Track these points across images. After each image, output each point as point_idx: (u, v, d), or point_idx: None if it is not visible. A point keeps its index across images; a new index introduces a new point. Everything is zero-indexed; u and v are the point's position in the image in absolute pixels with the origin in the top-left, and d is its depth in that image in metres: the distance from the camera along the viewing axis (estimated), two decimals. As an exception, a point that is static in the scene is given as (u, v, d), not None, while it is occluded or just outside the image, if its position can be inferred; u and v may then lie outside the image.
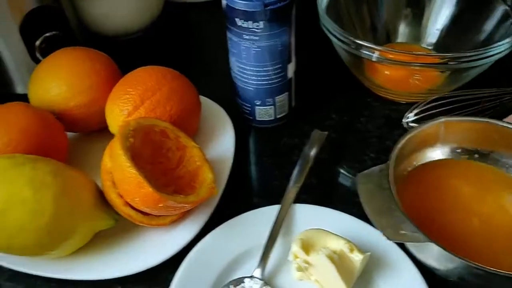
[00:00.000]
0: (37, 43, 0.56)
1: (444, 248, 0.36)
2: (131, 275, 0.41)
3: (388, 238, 0.37)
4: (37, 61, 0.56)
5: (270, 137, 0.55)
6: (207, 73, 0.64)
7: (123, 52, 0.55)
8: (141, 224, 0.42)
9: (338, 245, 0.38)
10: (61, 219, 0.39)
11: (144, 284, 0.42)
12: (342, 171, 0.51)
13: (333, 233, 0.39)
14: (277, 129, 0.55)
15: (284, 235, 0.43)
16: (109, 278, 0.41)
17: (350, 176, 0.50)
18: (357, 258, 0.37)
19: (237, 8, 0.46)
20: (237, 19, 0.46)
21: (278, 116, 0.55)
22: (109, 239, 0.44)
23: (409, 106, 0.54)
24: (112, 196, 0.41)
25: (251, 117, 0.55)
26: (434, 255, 0.38)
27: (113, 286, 0.42)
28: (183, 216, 0.44)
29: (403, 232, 0.37)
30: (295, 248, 0.38)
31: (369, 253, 0.39)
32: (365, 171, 0.42)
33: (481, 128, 0.46)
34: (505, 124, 0.45)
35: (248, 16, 0.46)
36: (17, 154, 0.41)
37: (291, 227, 0.43)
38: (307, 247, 0.39)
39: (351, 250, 0.38)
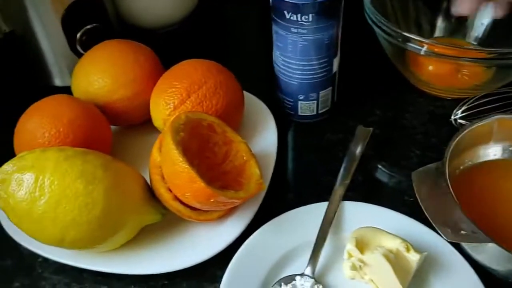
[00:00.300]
0: (78, 35, 0.55)
1: (506, 249, 0.35)
2: (179, 271, 0.41)
3: (448, 239, 0.36)
4: (77, 54, 0.56)
5: (312, 133, 0.54)
6: (244, 66, 0.63)
7: (160, 45, 0.55)
8: (189, 219, 0.42)
9: (394, 244, 0.37)
10: (112, 213, 0.38)
11: (192, 280, 0.42)
12: (388, 168, 0.50)
13: (388, 232, 0.38)
14: (319, 125, 0.55)
15: (333, 232, 0.42)
16: (155, 273, 0.41)
17: (397, 173, 0.49)
18: (414, 258, 0.37)
19: (286, 0, 0.45)
20: (285, 12, 0.45)
21: (320, 111, 0.54)
22: (155, 233, 0.43)
23: (454, 102, 0.53)
24: (161, 191, 0.41)
25: (292, 112, 0.54)
26: (493, 256, 0.37)
27: (160, 281, 0.42)
28: (229, 212, 0.44)
29: (463, 232, 0.36)
30: (350, 246, 0.38)
31: (426, 253, 0.38)
32: (420, 169, 0.41)
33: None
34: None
35: (297, 9, 0.45)
36: (66, 147, 0.41)
37: (340, 224, 0.43)
38: (361, 246, 0.38)
39: (408, 250, 0.37)
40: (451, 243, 0.40)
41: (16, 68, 0.61)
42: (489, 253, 0.37)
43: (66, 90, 0.51)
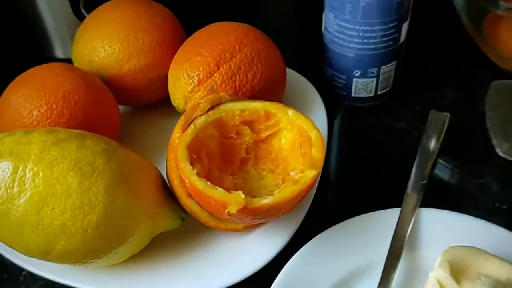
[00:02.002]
0: (83, -5, 0.46)
1: None
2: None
3: (501, 152, 0.32)
4: (81, 18, 0.47)
5: (369, 118, 0.44)
6: (279, 35, 0.53)
7: (178, 8, 0.44)
8: (207, 225, 0.32)
9: (502, 272, 0.27)
10: (116, 217, 0.28)
11: (218, 306, 0.32)
12: (468, 166, 0.39)
13: (491, 254, 0.28)
14: (376, 108, 0.44)
15: (408, 249, 0.32)
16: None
17: (482, 172, 0.38)
18: (535, 293, 0.26)
19: None
20: (347, -42, 0.35)
21: (379, 93, 0.43)
22: (170, 245, 0.33)
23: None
24: (175, 183, 0.31)
25: (344, 93, 0.44)
26: None
27: (177, 306, 0.32)
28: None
29: None
30: (442, 274, 0.27)
31: (551, 286, 0.27)
32: (504, 82, 0.34)
33: None
34: None
35: (363, -47, 0.34)
36: (58, 128, 0.31)
37: (418, 239, 0.32)
38: (456, 273, 0.27)
39: (525, 281, 0.26)
40: None
41: (13, 37, 0.52)
42: None
43: (69, 62, 0.41)
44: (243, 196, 0.28)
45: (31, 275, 0.34)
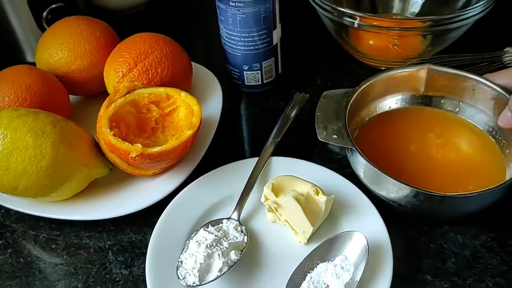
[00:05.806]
0: (44, 14, 0.60)
1: (370, 162, 0.41)
2: (124, 218, 0.46)
3: (320, 138, 0.44)
4: (44, 31, 0.61)
5: (257, 101, 0.59)
6: (205, 43, 0.68)
7: (124, 26, 0.59)
8: (126, 172, 0.47)
9: (305, 188, 0.42)
10: (59, 164, 0.43)
11: (134, 226, 0.47)
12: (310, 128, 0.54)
13: (301, 178, 0.43)
14: (264, 94, 0.59)
15: (261, 184, 0.46)
16: (101, 219, 0.46)
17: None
18: (321, 200, 0.41)
19: (221, -24, 0.49)
20: (222, -14, 0.50)
21: (266, 81, 0.58)
22: (104, 186, 0.48)
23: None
24: (102, 142, 0.46)
25: (240, 82, 0.59)
26: (388, 187, 0.42)
27: (106, 227, 0.47)
28: (168, 169, 0.48)
29: (335, 136, 0.43)
30: (266, 190, 0.42)
31: (333, 196, 0.42)
32: (332, 91, 0.48)
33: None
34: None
35: (232, -17, 0.49)
36: (21, 108, 0.46)
37: (268, 176, 0.47)
38: (277, 190, 0.42)
39: (317, 193, 0.41)
40: (360, 188, 0.44)
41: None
42: (384, 185, 0.42)
43: (34, 64, 0.56)
44: (140, 146, 0.43)
45: (7, 211, 0.48)
